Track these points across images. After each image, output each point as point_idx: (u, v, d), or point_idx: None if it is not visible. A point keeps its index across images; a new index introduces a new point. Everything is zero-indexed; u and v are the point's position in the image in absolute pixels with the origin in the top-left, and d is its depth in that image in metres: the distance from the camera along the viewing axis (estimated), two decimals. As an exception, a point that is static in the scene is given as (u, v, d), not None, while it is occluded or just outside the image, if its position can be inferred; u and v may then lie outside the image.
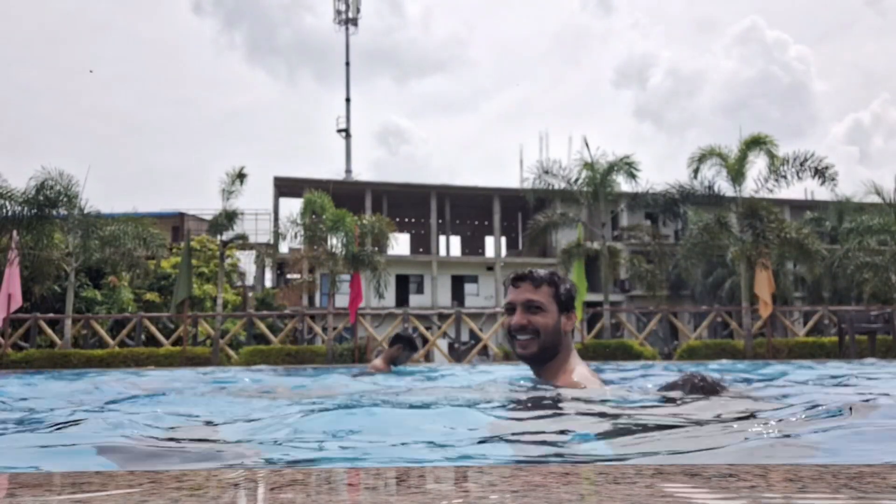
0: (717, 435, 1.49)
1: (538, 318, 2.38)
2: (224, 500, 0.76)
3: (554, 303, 2.40)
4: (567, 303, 2.43)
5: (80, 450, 1.43)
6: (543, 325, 2.37)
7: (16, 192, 14.97)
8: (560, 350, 2.41)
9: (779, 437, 1.36)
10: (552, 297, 2.41)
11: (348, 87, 41.00)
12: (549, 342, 2.38)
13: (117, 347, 14.75)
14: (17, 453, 1.41)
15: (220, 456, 1.36)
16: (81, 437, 1.58)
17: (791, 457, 1.19)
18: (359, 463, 1.26)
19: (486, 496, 0.75)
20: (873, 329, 13.10)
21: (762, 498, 0.73)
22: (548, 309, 2.39)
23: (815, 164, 16.12)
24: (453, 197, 36.03)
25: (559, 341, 2.40)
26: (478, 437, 1.49)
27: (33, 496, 0.77)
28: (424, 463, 1.25)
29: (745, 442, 1.34)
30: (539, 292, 2.41)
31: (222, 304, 17.87)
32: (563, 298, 2.43)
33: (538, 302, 2.39)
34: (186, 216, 34.02)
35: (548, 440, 1.46)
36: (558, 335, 2.40)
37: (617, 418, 1.75)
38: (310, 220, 17.29)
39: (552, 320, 2.39)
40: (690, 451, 1.33)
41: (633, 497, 0.73)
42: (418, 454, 1.35)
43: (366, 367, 5.99)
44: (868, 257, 17.71)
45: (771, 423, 1.52)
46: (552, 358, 2.42)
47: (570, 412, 1.90)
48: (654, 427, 1.58)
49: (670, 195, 17.74)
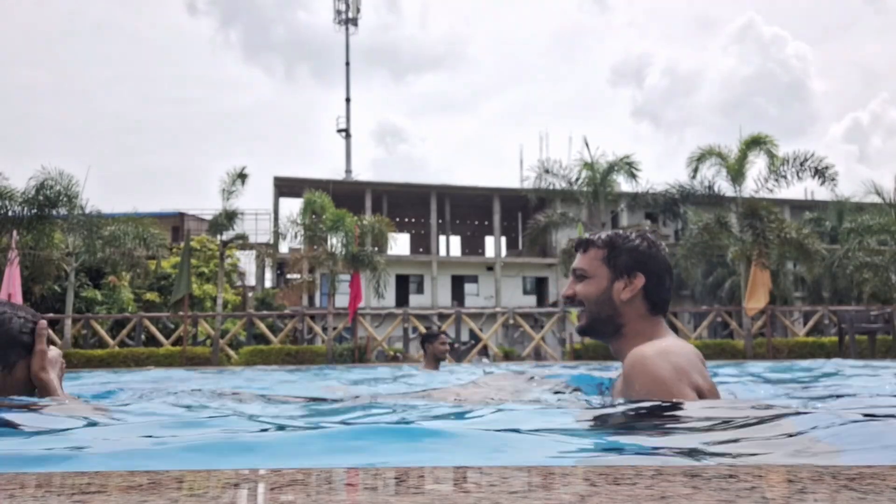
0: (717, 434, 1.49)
1: (580, 287, 2.08)
2: (224, 500, 0.76)
3: (604, 266, 2.05)
4: (627, 264, 2.03)
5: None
6: (585, 294, 2.06)
7: (16, 192, 14.98)
8: (624, 324, 2.02)
9: (778, 437, 1.36)
10: (602, 259, 2.06)
11: (348, 87, 40.99)
12: (599, 314, 2.04)
13: (117, 347, 14.77)
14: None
15: (220, 456, 1.36)
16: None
17: (791, 457, 1.19)
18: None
19: (486, 496, 0.75)
20: (873, 329, 13.11)
21: (762, 498, 0.73)
22: (593, 275, 2.06)
23: (814, 164, 16.14)
24: (453, 197, 36.03)
25: (616, 312, 2.02)
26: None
27: (33, 496, 0.77)
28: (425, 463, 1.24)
29: (745, 442, 1.35)
30: (585, 257, 2.11)
31: (222, 304, 17.88)
32: (618, 260, 2.05)
33: (581, 269, 2.09)
34: (186, 216, 34.02)
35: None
36: (610, 305, 2.02)
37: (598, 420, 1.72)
38: (310, 220, 17.30)
39: (596, 287, 2.04)
40: (691, 451, 1.33)
41: (633, 497, 0.73)
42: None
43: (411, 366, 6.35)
44: (868, 257, 17.72)
45: (771, 424, 1.52)
46: (615, 334, 2.04)
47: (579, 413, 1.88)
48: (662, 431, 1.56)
49: (670, 195, 17.77)
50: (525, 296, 35.71)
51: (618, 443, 1.43)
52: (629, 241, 2.06)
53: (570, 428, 1.64)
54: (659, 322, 2.03)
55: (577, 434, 1.55)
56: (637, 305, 2.00)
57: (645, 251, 2.03)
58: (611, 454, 1.35)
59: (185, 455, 1.25)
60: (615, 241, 2.06)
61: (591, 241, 2.11)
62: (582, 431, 1.61)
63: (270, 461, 1.15)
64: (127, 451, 1.32)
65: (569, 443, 1.43)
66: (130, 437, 1.57)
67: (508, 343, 17.38)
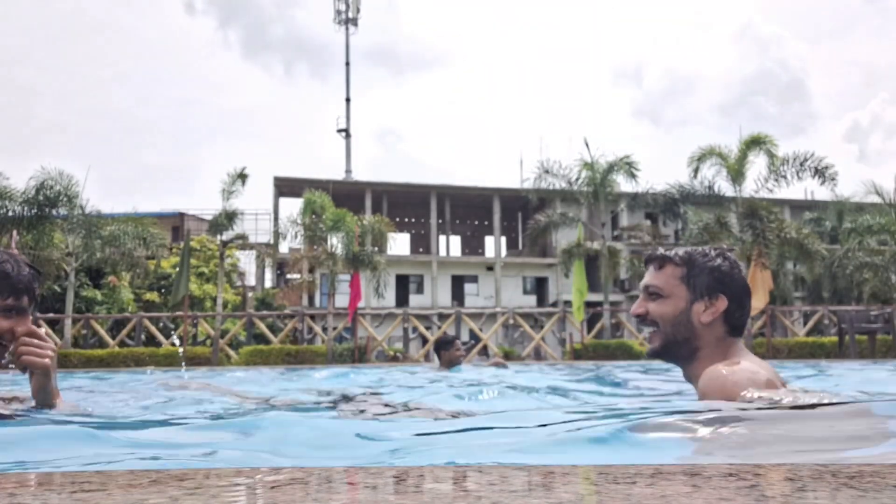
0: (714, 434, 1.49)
1: (653, 306, 1.97)
2: (224, 499, 0.76)
3: (682, 286, 1.94)
4: (708, 285, 1.92)
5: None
6: (660, 314, 1.95)
7: (16, 192, 14.98)
8: (701, 347, 1.91)
9: (778, 437, 1.36)
10: (680, 278, 1.95)
11: (348, 87, 40.96)
12: (675, 336, 1.93)
13: (117, 347, 14.76)
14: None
15: (220, 455, 1.37)
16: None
17: (791, 457, 1.19)
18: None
19: (487, 496, 0.75)
20: (873, 329, 13.10)
21: (762, 496, 0.73)
22: (669, 294, 1.95)
23: (814, 164, 16.15)
24: (453, 197, 36.04)
25: (694, 335, 1.91)
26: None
27: (33, 495, 0.77)
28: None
29: (743, 441, 1.34)
30: (660, 274, 1.99)
31: (222, 304, 17.88)
32: (697, 280, 1.93)
33: (656, 287, 1.98)
34: (186, 216, 34.03)
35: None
36: (688, 327, 1.91)
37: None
38: (310, 219, 17.31)
39: (672, 308, 1.93)
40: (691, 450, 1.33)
41: (633, 497, 0.73)
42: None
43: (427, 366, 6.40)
44: (868, 257, 17.73)
45: (769, 423, 1.52)
46: (690, 357, 1.94)
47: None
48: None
49: (670, 195, 17.79)
50: (525, 296, 35.71)
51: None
52: (710, 259, 1.95)
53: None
54: (736, 343, 1.93)
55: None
56: (716, 328, 1.91)
57: (727, 271, 1.94)
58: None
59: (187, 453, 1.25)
60: (695, 260, 1.96)
61: (667, 258, 1.99)
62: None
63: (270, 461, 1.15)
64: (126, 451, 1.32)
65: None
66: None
67: (508, 343, 17.38)
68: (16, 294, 1.88)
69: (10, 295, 1.87)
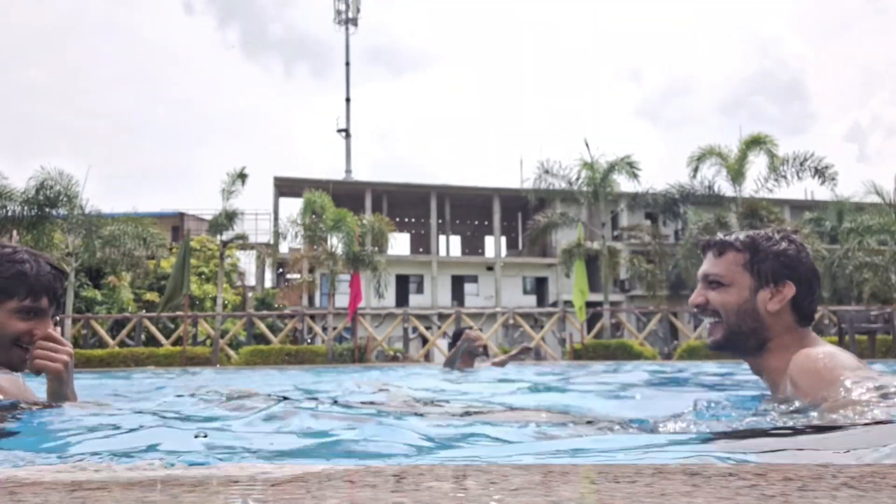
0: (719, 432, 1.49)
1: (714, 295, 1.83)
2: (225, 496, 0.76)
3: (745, 273, 1.81)
4: (774, 271, 1.78)
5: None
6: (721, 303, 1.82)
7: (16, 192, 14.99)
8: (770, 338, 1.78)
9: (778, 437, 1.36)
10: (742, 265, 1.82)
11: (348, 87, 40.95)
12: (740, 326, 1.80)
13: (117, 347, 14.76)
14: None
15: (220, 454, 1.37)
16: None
17: (791, 457, 1.19)
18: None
19: (486, 495, 0.75)
20: (873, 329, 13.11)
21: (762, 496, 0.73)
22: (731, 282, 1.81)
23: (814, 164, 16.18)
24: (453, 197, 36.04)
25: (761, 325, 1.78)
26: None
27: (34, 494, 0.77)
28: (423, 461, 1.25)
29: (745, 441, 1.35)
30: (720, 261, 1.85)
31: (222, 304, 17.88)
32: (762, 266, 1.80)
33: (716, 275, 1.84)
34: (186, 216, 34.02)
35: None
36: (754, 317, 1.79)
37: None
38: (310, 219, 17.31)
39: (736, 297, 1.80)
40: (691, 451, 1.33)
41: (634, 496, 0.73)
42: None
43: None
44: (868, 257, 17.73)
45: (770, 422, 1.52)
46: (758, 350, 1.81)
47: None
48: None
49: (670, 195, 17.80)
50: (525, 296, 35.71)
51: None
52: (775, 243, 1.82)
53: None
54: (807, 334, 1.81)
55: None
56: (784, 317, 1.79)
57: (794, 255, 1.81)
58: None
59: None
60: (759, 244, 1.82)
61: (727, 243, 1.86)
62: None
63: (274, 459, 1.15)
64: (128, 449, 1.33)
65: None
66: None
67: (508, 343, 17.37)
68: (34, 295, 1.82)
69: (27, 295, 1.80)
